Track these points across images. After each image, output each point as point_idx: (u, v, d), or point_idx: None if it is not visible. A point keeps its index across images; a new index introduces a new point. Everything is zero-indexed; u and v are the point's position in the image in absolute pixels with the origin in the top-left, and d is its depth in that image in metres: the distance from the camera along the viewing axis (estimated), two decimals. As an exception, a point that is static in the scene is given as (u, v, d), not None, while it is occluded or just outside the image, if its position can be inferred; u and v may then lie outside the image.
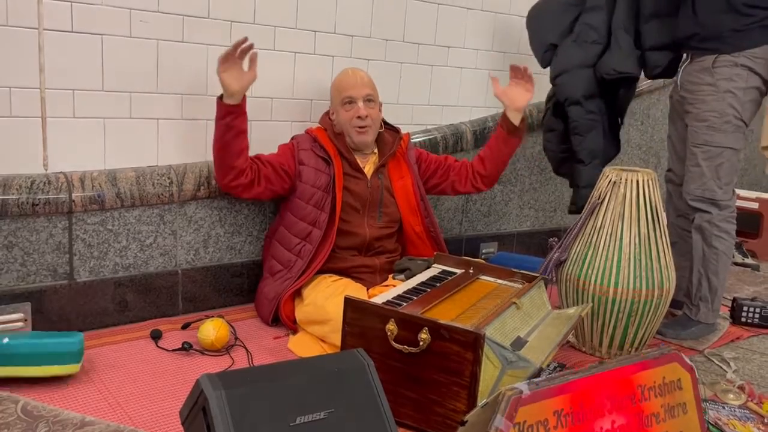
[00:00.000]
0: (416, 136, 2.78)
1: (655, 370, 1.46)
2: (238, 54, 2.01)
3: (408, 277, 2.15)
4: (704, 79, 2.26)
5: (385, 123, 2.41)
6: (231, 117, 2.04)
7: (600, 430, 1.33)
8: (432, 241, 2.42)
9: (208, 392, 1.19)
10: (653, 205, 2.15)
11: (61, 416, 1.58)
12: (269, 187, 2.21)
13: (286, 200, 2.30)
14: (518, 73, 2.40)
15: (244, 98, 2.07)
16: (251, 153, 2.39)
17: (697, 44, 2.27)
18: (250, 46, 2.02)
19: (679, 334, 2.38)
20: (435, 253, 2.27)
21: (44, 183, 1.96)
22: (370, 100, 2.26)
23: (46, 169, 2.01)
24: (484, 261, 2.41)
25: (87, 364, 1.78)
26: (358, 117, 2.23)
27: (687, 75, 2.34)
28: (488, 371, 1.58)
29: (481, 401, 1.57)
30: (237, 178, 2.12)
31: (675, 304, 2.45)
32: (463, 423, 1.28)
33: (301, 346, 2.07)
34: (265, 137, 2.42)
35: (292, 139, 2.33)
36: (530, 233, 3.33)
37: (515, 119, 2.40)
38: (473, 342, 1.54)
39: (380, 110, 2.34)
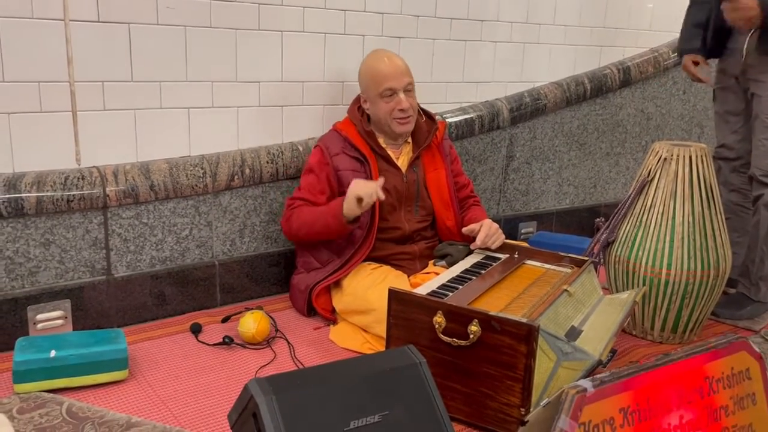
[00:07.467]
0: (452, 114, 2.68)
1: (723, 360, 1.38)
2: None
3: (450, 264, 2.08)
4: None
5: (420, 108, 2.31)
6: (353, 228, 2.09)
7: (668, 427, 1.26)
8: (465, 236, 2.31)
9: (259, 397, 1.15)
10: (707, 181, 2.05)
11: (107, 417, 1.56)
12: None
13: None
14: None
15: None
16: (284, 140, 2.34)
17: None
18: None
19: (734, 315, 2.28)
20: (476, 237, 2.18)
21: (78, 178, 1.92)
22: (410, 90, 2.16)
23: (79, 164, 1.97)
24: (526, 244, 2.33)
25: (130, 361, 1.76)
26: (401, 109, 2.14)
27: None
28: (543, 364, 1.51)
29: (537, 395, 1.52)
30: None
31: (728, 282, 2.35)
32: (523, 423, 1.23)
33: (343, 337, 2.03)
34: (297, 123, 2.35)
35: (319, 142, 2.20)
36: (570, 211, 3.22)
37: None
38: (527, 334, 1.47)
39: None
